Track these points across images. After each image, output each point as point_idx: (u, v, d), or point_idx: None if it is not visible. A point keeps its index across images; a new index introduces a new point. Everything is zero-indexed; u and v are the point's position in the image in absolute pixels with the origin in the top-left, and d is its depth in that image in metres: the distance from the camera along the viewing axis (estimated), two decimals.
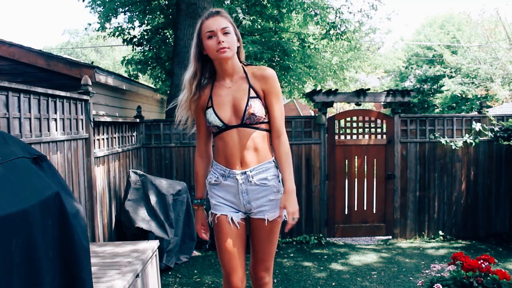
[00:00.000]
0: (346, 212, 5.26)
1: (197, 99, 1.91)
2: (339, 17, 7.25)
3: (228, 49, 1.78)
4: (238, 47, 1.87)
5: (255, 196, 1.88)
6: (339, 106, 16.73)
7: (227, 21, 1.82)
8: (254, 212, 1.90)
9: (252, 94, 1.84)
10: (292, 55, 7.53)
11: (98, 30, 7.67)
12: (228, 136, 1.85)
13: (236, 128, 1.84)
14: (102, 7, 7.41)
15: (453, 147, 5.16)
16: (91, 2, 7.56)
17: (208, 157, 2.01)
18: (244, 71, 1.89)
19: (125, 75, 7.58)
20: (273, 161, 1.91)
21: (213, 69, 1.92)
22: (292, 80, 8.04)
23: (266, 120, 1.88)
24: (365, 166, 5.26)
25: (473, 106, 14.04)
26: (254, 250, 1.96)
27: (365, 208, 5.28)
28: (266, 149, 1.89)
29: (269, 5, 7.33)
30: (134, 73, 7.76)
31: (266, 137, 1.90)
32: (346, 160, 5.24)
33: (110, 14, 7.38)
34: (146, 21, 7.57)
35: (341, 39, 7.50)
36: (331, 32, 7.30)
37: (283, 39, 7.78)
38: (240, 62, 1.92)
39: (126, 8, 7.36)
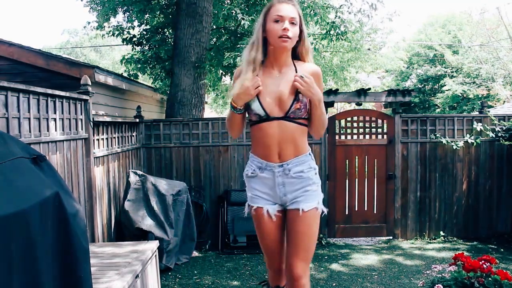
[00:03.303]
0: (347, 213, 5.24)
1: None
2: (339, 17, 7.23)
3: (289, 40, 1.77)
4: (299, 42, 1.85)
5: (292, 189, 1.88)
6: (340, 106, 16.72)
7: (297, 12, 1.81)
8: (289, 204, 1.90)
9: None
10: None
11: (97, 29, 7.66)
12: (269, 127, 1.83)
13: (277, 120, 1.82)
14: (100, 6, 7.39)
15: (454, 147, 5.14)
16: (90, 2, 7.55)
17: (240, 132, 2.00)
18: (294, 65, 1.88)
19: (125, 74, 7.57)
20: (310, 154, 1.93)
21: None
22: None
23: (307, 117, 1.89)
24: (366, 166, 5.25)
25: (475, 106, 14.02)
26: (290, 245, 1.89)
27: (365, 209, 5.27)
28: (304, 143, 1.90)
29: None
30: (134, 72, 7.75)
31: (305, 132, 1.90)
32: (347, 160, 5.23)
33: (110, 13, 7.36)
34: (145, 21, 7.56)
35: (341, 39, 7.48)
36: (331, 32, 7.29)
37: None
38: (295, 57, 1.90)
39: (125, 8, 7.34)
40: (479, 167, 5.26)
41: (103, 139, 3.88)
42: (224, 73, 6.84)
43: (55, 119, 2.99)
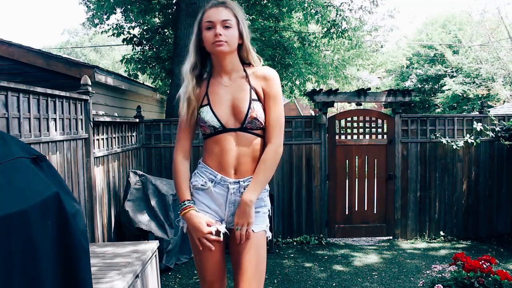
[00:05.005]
0: (347, 213, 5.24)
1: (195, 91, 1.73)
2: (340, 15, 7.23)
3: (225, 43, 1.62)
4: (241, 45, 1.71)
5: None
6: (340, 106, 16.71)
7: (231, 14, 1.66)
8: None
9: (254, 96, 1.69)
10: (293, 53, 7.51)
11: (96, 26, 7.67)
12: (225, 140, 1.67)
13: (234, 132, 1.67)
14: (96, 5, 7.39)
15: (454, 147, 5.14)
16: (85, 1, 7.58)
17: (189, 159, 1.79)
18: (245, 71, 1.73)
19: (125, 74, 7.57)
20: None
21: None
22: (293, 78, 8.02)
23: (264, 127, 1.71)
24: (366, 166, 5.25)
25: (475, 106, 14.03)
26: (240, 271, 1.70)
27: (365, 209, 5.27)
28: None
29: (269, 4, 7.31)
30: (134, 72, 7.76)
31: (263, 145, 1.71)
32: (347, 160, 5.22)
33: (108, 12, 7.36)
34: (144, 21, 7.55)
35: (342, 37, 7.48)
36: (332, 30, 7.29)
37: (284, 38, 7.77)
38: (245, 62, 1.76)
39: (123, 8, 7.33)
40: (479, 167, 5.26)
41: (103, 139, 3.88)
42: None
43: (55, 119, 2.99)
